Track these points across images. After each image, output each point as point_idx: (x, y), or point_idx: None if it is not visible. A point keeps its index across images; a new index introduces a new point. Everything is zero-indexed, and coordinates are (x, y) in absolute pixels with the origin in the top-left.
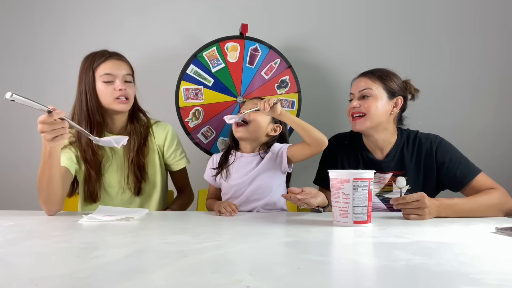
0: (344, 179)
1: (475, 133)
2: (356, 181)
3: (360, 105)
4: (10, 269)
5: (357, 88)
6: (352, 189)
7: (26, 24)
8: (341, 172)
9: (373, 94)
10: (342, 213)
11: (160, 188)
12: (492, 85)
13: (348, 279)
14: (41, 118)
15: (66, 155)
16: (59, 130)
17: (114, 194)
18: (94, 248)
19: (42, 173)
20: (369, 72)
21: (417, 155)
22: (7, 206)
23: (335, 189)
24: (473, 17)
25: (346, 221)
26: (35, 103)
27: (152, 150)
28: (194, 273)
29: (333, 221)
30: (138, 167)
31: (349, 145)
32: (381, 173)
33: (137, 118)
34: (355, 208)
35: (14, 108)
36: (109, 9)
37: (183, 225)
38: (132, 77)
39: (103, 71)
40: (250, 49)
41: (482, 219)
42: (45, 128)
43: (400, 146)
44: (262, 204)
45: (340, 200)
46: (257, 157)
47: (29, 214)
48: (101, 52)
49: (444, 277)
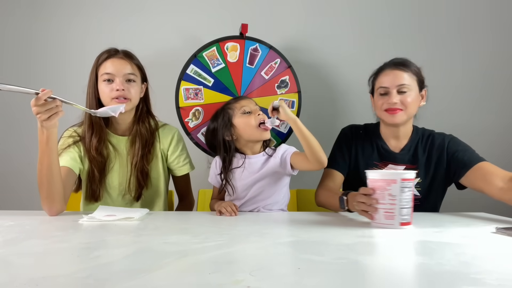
0: (391, 180)
1: (479, 132)
2: (403, 181)
3: (398, 101)
4: (10, 269)
5: (393, 82)
6: (399, 190)
7: (26, 25)
8: (386, 172)
9: (410, 88)
10: (387, 215)
11: (163, 195)
12: (495, 85)
13: (348, 279)
14: (33, 101)
15: (69, 155)
16: (53, 109)
17: (115, 196)
18: (94, 248)
19: (41, 164)
20: (402, 64)
21: (429, 150)
22: (7, 206)
23: (379, 189)
24: (475, 17)
25: (392, 223)
26: (20, 87)
27: (156, 156)
28: (194, 273)
29: (372, 223)
30: (141, 172)
31: (364, 135)
32: (395, 164)
33: (143, 121)
34: (401, 209)
35: (14, 108)
36: (109, 9)
37: (183, 225)
38: (141, 76)
39: (104, 70)
40: (250, 49)
41: (482, 219)
42: (39, 109)
43: (415, 141)
44: (264, 204)
45: (386, 202)
46: (263, 158)
47: (29, 214)
48: (108, 51)
49: (444, 277)
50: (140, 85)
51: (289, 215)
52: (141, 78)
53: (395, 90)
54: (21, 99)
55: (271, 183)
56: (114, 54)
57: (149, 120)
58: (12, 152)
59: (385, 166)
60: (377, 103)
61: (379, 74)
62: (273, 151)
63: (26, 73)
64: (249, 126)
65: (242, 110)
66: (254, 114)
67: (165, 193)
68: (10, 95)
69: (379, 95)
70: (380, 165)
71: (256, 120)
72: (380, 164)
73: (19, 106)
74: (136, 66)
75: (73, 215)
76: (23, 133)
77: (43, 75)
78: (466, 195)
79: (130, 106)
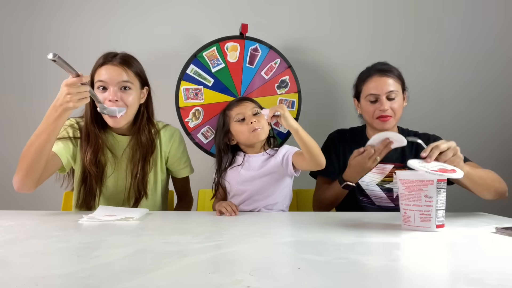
0: (427, 181)
1: (476, 133)
2: (439, 182)
3: (388, 108)
4: (10, 269)
5: (383, 90)
6: (436, 191)
7: (25, 26)
8: (421, 173)
9: (397, 94)
10: (424, 217)
11: (160, 201)
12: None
13: (348, 279)
14: (69, 81)
15: (64, 145)
16: (84, 93)
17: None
18: (94, 248)
19: (36, 137)
20: (388, 70)
21: (417, 149)
22: (7, 206)
23: (414, 191)
24: (476, 17)
25: (428, 226)
26: (67, 64)
27: (155, 163)
28: (194, 273)
29: (406, 226)
30: (142, 183)
31: (349, 138)
32: (382, 163)
33: (144, 129)
34: (438, 211)
35: (14, 108)
36: (109, 9)
37: (183, 225)
38: (140, 82)
39: (98, 77)
40: (250, 49)
41: (482, 219)
42: (72, 90)
43: None
44: (264, 204)
45: (422, 204)
46: (263, 157)
47: (29, 214)
48: (105, 55)
49: (444, 277)
50: (138, 91)
51: (289, 215)
52: (141, 83)
53: (385, 97)
54: (21, 99)
55: (271, 183)
56: (110, 61)
57: (149, 128)
58: (12, 153)
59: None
60: (367, 110)
61: (366, 81)
62: (274, 151)
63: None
64: (242, 133)
65: (236, 118)
66: (247, 122)
67: (162, 199)
68: (11, 96)
69: (369, 102)
70: None
71: (248, 128)
72: None
73: (19, 106)
74: (133, 73)
75: (73, 215)
76: (23, 133)
77: (43, 78)
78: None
79: (126, 118)
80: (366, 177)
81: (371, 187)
